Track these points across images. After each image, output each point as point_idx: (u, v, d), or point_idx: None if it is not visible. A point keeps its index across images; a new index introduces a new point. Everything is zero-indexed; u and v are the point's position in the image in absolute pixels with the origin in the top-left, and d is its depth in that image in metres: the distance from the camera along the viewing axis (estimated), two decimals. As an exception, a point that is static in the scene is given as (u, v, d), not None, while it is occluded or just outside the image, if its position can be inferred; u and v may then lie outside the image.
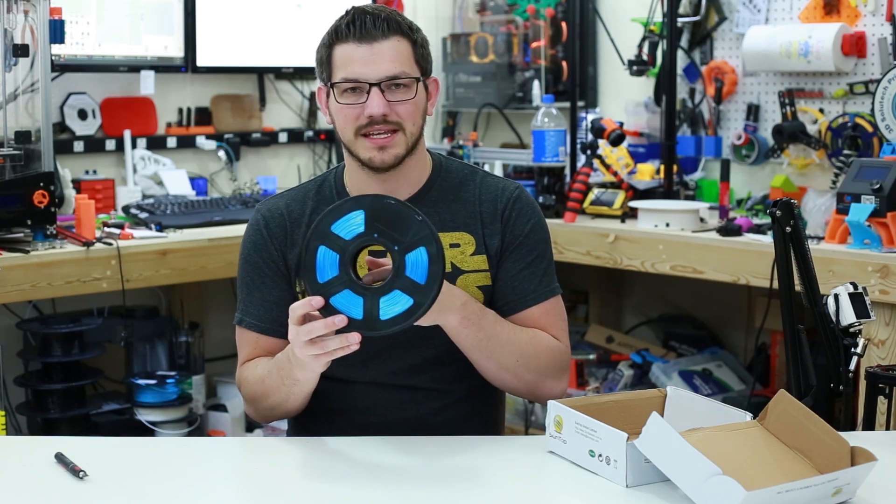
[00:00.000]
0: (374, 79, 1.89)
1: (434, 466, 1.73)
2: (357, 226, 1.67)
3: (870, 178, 2.76)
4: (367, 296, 1.66)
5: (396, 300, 1.66)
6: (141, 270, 3.05)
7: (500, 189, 2.04)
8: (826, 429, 1.60)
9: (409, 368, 1.99)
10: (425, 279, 1.65)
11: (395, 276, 1.66)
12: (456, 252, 1.99)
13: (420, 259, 1.65)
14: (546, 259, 2.03)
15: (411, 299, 1.65)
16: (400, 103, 1.91)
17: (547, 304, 2.00)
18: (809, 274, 2.04)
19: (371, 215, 1.67)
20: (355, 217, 1.67)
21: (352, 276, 1.67)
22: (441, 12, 4.40)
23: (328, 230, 1.68)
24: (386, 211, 1.67)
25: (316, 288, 1.67)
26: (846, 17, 3.38)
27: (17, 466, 1.74)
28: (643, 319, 4.08)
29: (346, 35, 1.90)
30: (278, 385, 1.89)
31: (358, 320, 1.67)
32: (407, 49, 1.92)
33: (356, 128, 1.92)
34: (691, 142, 3.72)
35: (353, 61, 1.89)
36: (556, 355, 1.98)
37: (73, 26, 3.35)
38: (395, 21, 1.91)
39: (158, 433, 3.30)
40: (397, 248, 1.66)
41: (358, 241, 1.68)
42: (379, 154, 1.92)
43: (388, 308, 1.66)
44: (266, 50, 3.91)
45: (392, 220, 1.67)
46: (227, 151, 3.88)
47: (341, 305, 1.67)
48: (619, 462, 1.60)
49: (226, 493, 1.68)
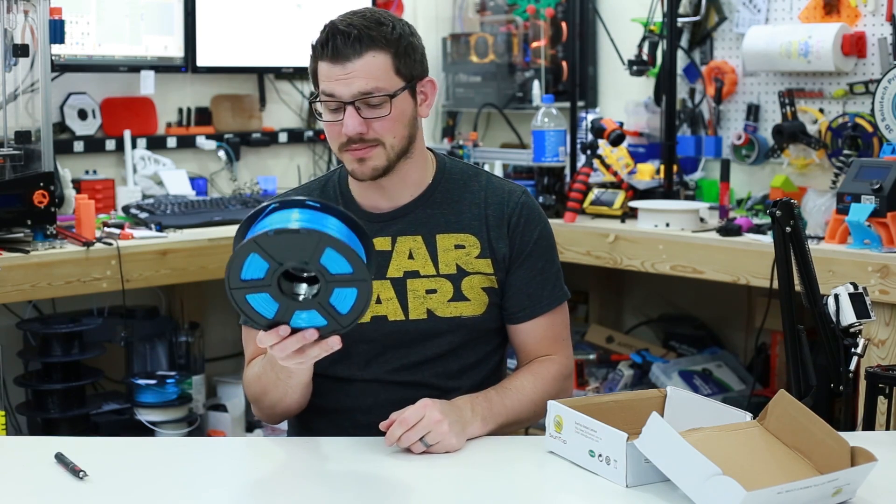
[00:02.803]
0: (348, 97, 1.89)
1: (434, 466, 1.73)
2: (260, 264, 1.61)
3: (870, 178, 2.76)
4: (318, 305, 1.63)
5: (343, 295, 1.63)
6: (141, 270, 3.05)
7: (506, 193, 2.05)
8: (826, 429, 1.60)
9: (411, 367, 1.99)
10: (349, 266, 1.62)
11: (326, 279, 1.62)
12: (461, 253, 2.00)
13: (332, 256, 1.62)
14: (555, 264, 2.07)
15: (354, 289, 1.63)
16: (376, 120, 1.91)
17: (553, 315, 2.06)
18: (809, 274, 2.04)
19: (265, 252, 1.61)
20: (253, 260, 1.61)
21: (295, 302, 1.63)
22: (441, 12, 4.40)
23: (240, 281, 1.62)
24: (274, 243, 1.60)
25: (271, 325, 1.65)
26: (846, 17, 3.38)
27: (17, 466, 1.74)
28: (643, 319, 4.08)
29: (321, 54, 1.91)
30: (274, 381, 1.89)
31: (325, 325, 1.65)
32: (383, 63, 1.90)
33: (339, 144, 1.94)
34: (691, 142, 3.72)
35: (329, 79, 1.91)
36: (563, 382, 2.04)
37: (73, 26, 3.35)
38: (368, 37, 1.88)
39: (158, 433, 3.30)
40: (307, 262, 1.62)
41: (272, 273, 1.62)
42: (359, 166, 1.94)
43: (342, 304, 1.64)
44: (266, 50, 3.91)
45: (285, 246, 1.60)
46: (227, 151, 3.88)
47: (303, 323, 1.65)
48: (619, 462, 1.60)
49: (226, 493, 1.68)
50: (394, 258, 1.99)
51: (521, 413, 1.96)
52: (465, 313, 1.99)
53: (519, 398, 1.96)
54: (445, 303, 1.98)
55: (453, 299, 1.99)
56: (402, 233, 2.00)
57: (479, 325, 2.01)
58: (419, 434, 1.75)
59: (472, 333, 2.01)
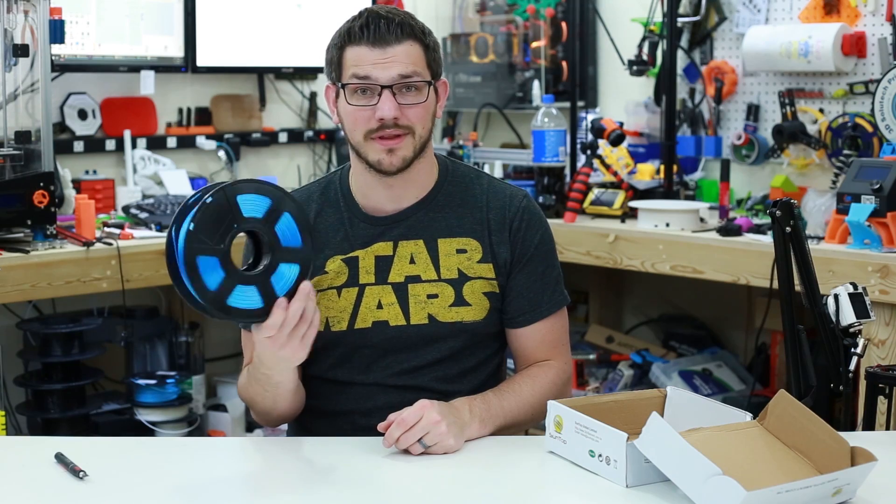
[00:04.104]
0: (386, 81, 1.89)
1: (434, 466, 1.73)
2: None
3: (870, 178, 2.76)
4: (259, 280, 1.66)
5: (284, 272, 1.67)
6: (141, 270, 3.05)
7: (508, 197, 2.05)
8: (826, 429, 1.60)
9: (411, 371, 1.99)
10: (300, 241, 1.67)
11: (273, 252, 1.66)
12: (462, 258, 2.00)
13: (289, 227, 1.66)
14: (556, 269, 2.07)
15: (297, 265, 1.67)
16: (410, 107, 1.91)
17: (552, 320, 2.06)
18: (809, 274, 2.03)
19: (226, 203, 1.64)
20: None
21: (239, 274, 1.65)
22: (441, 12, 4.40)
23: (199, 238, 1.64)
24: (238, 192, 1.64)
25: (213, 297, 1.65)
26: (846, 17, 3.38)
27: (17, 466, 1.74)
28: (643, 319, 4.08)
29: (360, 38, 1.90)
30: (261, 392, 1.90)
31: (260, 308, 1.67)
32: (419, 53, 1.92)
33: (366, 130, 1.92)
34: (691, 142, 3.72)
35: (365, 63, 1.90)
36: (561, 387, 2.04)
37: (73, 26, 3.35)
38: (408, 25, 1.92)
39: (158, 433, 3.30)
40: (265, 224, 1.65)
41: (225, 236, 1.64)
42: (388, 157, 1.92)
43: (280, 282, 1.67)
44: (266, 50, 3.91)
45: (247, 202, 1.65)
46: (227, 151, 3.88)
47: (240, 302, 1.65)
48: (619, 462, 1.60)
49: (226, 493, 1.68)
50: (395, 263, 1.99)
51: (519, 416, 1.95)
52: (467, 318, 1.99)
53: (517, 401, 1.95)
54: (447, 307, 1.98)
55: (455, 304, 1.98)
56: (403, 237, 2.00)
57: (480, 330, 2.01)
58: (417, 435, 1.75)
59: (472, 338, 2.01)
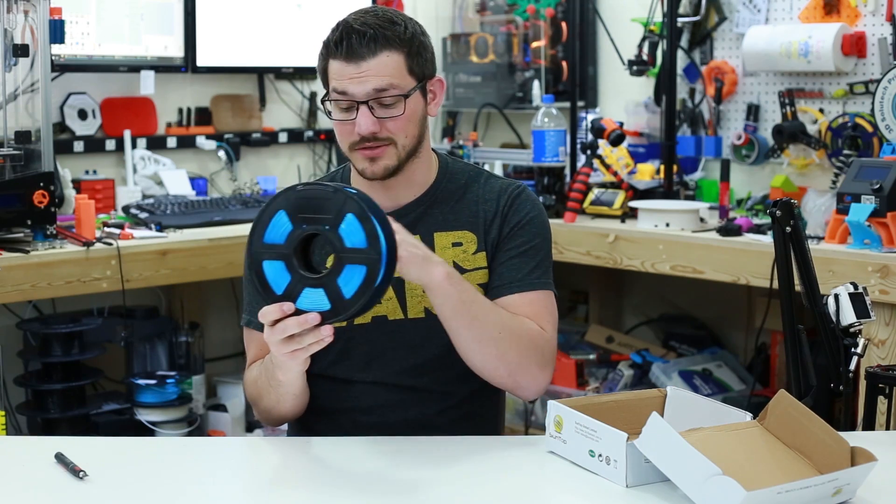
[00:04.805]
0: (362, 96, 1.89)
1: (434, 467, 1.73)
2: (284, 225, 1.67)
3: (870, 178, 2.76)
4: (326, 284, 1.66)
5: (351, 274, 1.65)
6: (141, 270, 3.05)
7: (503, 188, 2.04)
8: (826, 429, 1.60)
9: (412, 369, 1.99)
10: (365, 240, 1.65)
11: (339, 252, 1.65)
12: (458, 251, 2.00)
13: (352, 225, 1.65)
14: (541, 253, 2.00)
15: (364, 266, 1.65)
16: (389, 119, 1.91)
17: (533, 295, 1.96)
18: (809, 274, 2.04)
19: (292, 210, 1.67)
20: (279, 219, 1.67)
21: (304, 275, 1.67)
22: (441, 12, 4.40)
23: (262, 244, 1.68)
24: (302, 199, 1.67)
25: (277, 300, 1.68)
26: (846, 17, 3.38)
27: (17, 466, 1.74)
28: (643, 319, 4.08)
29: (336, 52, 1.90)
30: (267, 388, 1.91)
31: (328, 310, 1.67)
32: (397, 62, 1.90)
33: (349, 143, 1.94)
34: (691, 142, 3.72)
35: (342, 78, 1.90)
36: (540, 341, 1.93)
37: (73, 26, 3.35)
38: (383, 37, 1.88)
39: (158, 433, 3.30)
40: (327, 227, 1.66)
41: (293, 239, 1.67)
42: (370, 166, 1.93)
43: (347, 285, 1.65)
44: (266, 50, 3.91)
45: (311, 205, 1.67)
46: (227, 151, 3.88)
47: (308, 304, 1.67)
48: (619, 462, 1.60)
49: (226, 493, 1.68)
50: None
51: (486, 316, 1.86)
52: None
53: (491, 304, 1.90)
54: None
55: None
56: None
57: None
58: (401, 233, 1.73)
59: None
